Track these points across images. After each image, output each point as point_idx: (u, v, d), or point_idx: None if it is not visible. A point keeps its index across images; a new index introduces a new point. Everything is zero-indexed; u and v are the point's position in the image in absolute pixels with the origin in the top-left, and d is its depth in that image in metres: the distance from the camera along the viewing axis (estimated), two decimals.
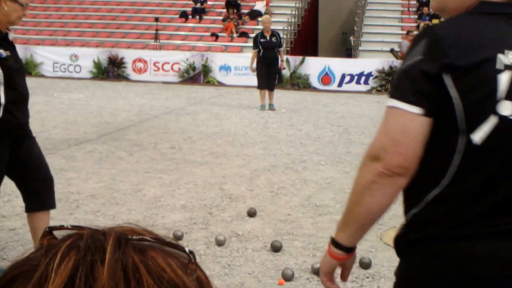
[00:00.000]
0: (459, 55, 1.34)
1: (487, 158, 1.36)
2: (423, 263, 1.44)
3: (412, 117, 1.36)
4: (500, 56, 1.34)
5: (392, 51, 16.47)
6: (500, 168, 1.36)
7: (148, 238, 0.50)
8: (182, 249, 0.51)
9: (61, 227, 0.52)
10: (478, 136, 1.34)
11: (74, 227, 0.51)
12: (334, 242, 1.53)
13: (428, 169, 1.40)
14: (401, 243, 1.50)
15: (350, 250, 1.53)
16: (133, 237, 0.50)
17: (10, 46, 3.50)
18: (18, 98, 3.44)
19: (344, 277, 1.60)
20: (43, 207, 3.60)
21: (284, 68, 12.16)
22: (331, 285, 1.58)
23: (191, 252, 0.51)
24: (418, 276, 1.46)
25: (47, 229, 0.52)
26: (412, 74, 1.37)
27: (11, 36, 3.58)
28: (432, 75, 1.35)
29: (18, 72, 3.48)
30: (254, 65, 11.36)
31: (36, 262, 0.47)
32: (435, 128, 1.38)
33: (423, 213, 1.44)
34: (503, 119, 1.34)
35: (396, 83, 1.41)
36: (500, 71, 1.34)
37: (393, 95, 1.40)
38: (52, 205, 3.65)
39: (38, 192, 3.57)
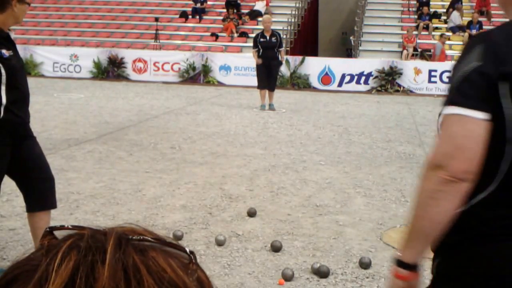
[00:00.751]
0: None
1: None
2: (467, 263, 1.44)
3: (477, 122, 1.36)
4: None
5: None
6: None
7: (149, 238, 0.50)
8: (182, 249, 0.51)
9: (62, 227, 0.52)
10: None
11: (74, 227, 0.51)
12: (398, 263, 1.49)
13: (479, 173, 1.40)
14: (442, 242, 1.48)
15: (416, 268, 1.49)
16: (134, 237, 0.50)
17: (12, 45, 3.51)
18: (20, 97, 3.45)
19: None
20: (44, 207, 3.60)
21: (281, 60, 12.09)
22: None
23: (191, 252, 0.51)
24: (461, 276, 1.46)
25: (47, 229, 0.52)
26: (473, 80, 1.36)
27: (12, 36, 3.59)
28: (492, 81, 1.34)
29: (20, 72, 3.49)
30: (258, 60, 11.33)
31: (36, 262, 0.47)
32: (492, 133, 1.38)
33: (467, 215, 1.43)
34: None
35: (455, 90, 1.39)
36: None
37: (453, 102, 1.38)
38: (53, 205, 3.65)
39: (39, 191, 3.57)
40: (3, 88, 3.35)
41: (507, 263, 1.38)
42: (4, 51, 3.36)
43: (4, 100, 3.34)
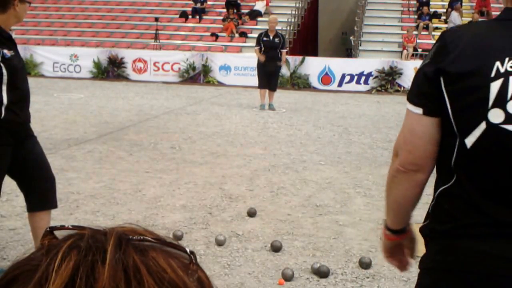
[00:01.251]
0: (454, 61, 1.37)
1: (480, 163, 1.38)
2: (434, 257, 1.49)
3: (416, 117, 1.45)
4: (498, 63, 1.35)
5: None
6: (495, 173, 1.38)
7: (149, 239, 0.50)
8: (183, 249, 0.51)
9: (62, 227, 0.52)
10: (470, 140, 1.38)
11: (75, 227, 0.51)
12: (384, 224, 1.68)
13: (439, 166, 1.48)
14: (423, 233, 1.56)
15: (397, 232, 1.64)
16: (134, 238, 0.50)
17: (13, 46, 3.51)
18: (21, 97, 3.46)
19: (410, 255, 1.69)
20: (44, 207, 3.61)
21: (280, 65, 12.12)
22: (393, 261, 1.71)
23: (192, 252, 0.51)
24: (434, 269, 1.50)
25: (48, 229, 0.52)
26: (418, 77, 1.46)
27: (13, 35, 3.61)
28: (430, 77, 1.41)
29: (21, 72, 3.49)
30: (261, 57, 11.34)
31: (36, 262, 0.47)
32: (442, 127, 1.44)
33: (435, 207, 1.50)
34: (492, 126, 1.35)
35: (411, 85, 1.50)
36: (494, 79, 1.35)
37: (406, 97, 1.51)
38: (53, 205, 3.65)
39: (40, 191, 3.58)
40: (4, 88, 3.36)
41: (467, 259, 1.41)
42: (5, 51, 3.37)
43: (5, 100, 3.35)
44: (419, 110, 1.44)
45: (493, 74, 1.35)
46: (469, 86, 1.36)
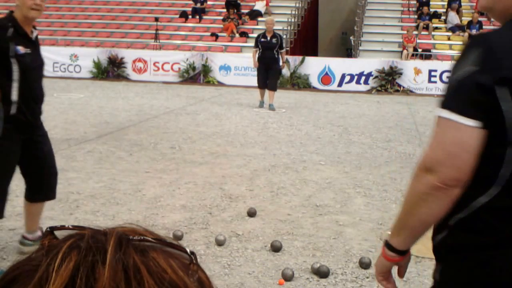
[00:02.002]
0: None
1: None
2: (474, 269, 1.42)
3: (469, 130, 1.34)
4: None
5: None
6: None
7: (149, 239, 0.50)
8: (183, 250, 0.51)
9: (63, 227, 0.52)
10: None
11: (75, 227, 0.51)
12: (388, 245, 1.56)
13: (475, 177, 1.39)
14: (445, 247, 1.48)
15: (403, 253, 1.55)
16: (134, 238, 0.50)
17: (31, 44, 3.54)
18: (31, 96, 3.51)
19: (400, 274, 1.62)
20: (44, 199, 3.83)
21: (282, 68, 12.23)
22: (387, 284, 1.61)
23: (192, 253, 0.51)
24: (467, 283, 1.44)
25: (48, 229, 0.52)
26: (467, 86, 1.34)
27: (35, 34, 3.62)
28: (487, 88, 1.32)
29: (34, 71, 3.54)
30: (256, 61, 11.52)
31: (36, 262, 0.47)
32: (491, 138, 1.36)
33: (471, 219, 1.42)
34: None
35: (450, 94, 1.37)
36: None
37: (447, 106, 1.37)
38: (53, 197, 3.92)
39: (44, 185, 3.81)
40: (16, 85, 3.43)
41: (506, 268, 1.37)
42: (20, 47, 3.42)
43: (15, 97, 3.40)
44: (474, 123, 1.33)
45: None
46: None
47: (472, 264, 1.42)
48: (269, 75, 11.41)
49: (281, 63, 11.64)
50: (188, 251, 0.51)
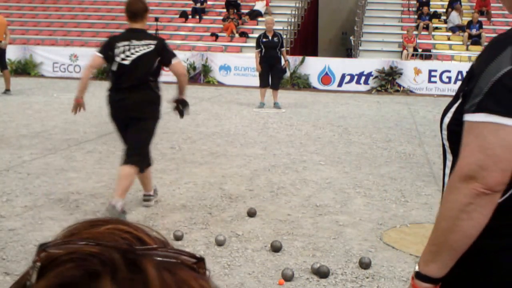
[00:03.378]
0: None
1: None
2: (483, 269, 1.41)
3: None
4: None
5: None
6: None
7: (146, 240, 0.47)
8: (194, 257, 0.47)
9: (59, 243, 0.45)
10: None
11: (70, 242, 0.45)
12: (420, 276, 1.42)
13: None
14: (483, 249, 1.44)
15: (439, 281, 1.43)
16: (139, 248, 0.45)
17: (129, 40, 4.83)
18: (113, 84, 4.97)
19: None
20: (128, 163, 4.75)
21: (286, 67, 12.30)
22: None
23: (202, 259, 0.48)
24: (476, 282, 1.44)
25: (40, 247, 0.45)
26: (507, 85, 1.29)
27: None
28: None
29: (129, 66, 4.81)
30: (258, 65, 11.56)
31: None
32: None
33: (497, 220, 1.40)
34: None
35: (487, 94, 1.31)
36: None
37: (485, 109, 1.31)
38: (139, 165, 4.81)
39: (131, 156, 4.77)
40: (112, 74, 4.94)
41: None
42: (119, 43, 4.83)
43: (112, 86, 4.94)
44: None
45: None
46: None
47: (482, 264, 1.41)
48: (272, 74, 11.48)
49: (283, 62, 11.69)
50: (200, 258, 0.47)
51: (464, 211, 1.33)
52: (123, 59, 4.82)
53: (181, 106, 5.14)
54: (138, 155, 4.79)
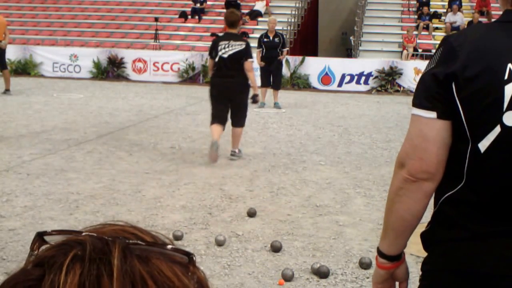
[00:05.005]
0: (464, 65, 1.34)
1: (494, 167, 1.36)
2: (440, 259, 1.46)
3: (428, 122, 1.39)
4: (510, 66, 1.33)
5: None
6: (506, 176, 1.36)
7: (148, 240, 0.49)
8: (181, 251, 0.50)
9: (53, 232, 0.50)
10: (483, 145, 1.35)
11: (67, 232, 0.49)
12: (378, 251, 1.56)
13: (447, 172, 1.42)
14: (424, 238, 1.52)
15: (394, 259, 1.54)
16: (131, 242, 0.48)
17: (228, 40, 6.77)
18: (217, 69, 6.80)
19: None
20: (236, 125, 7.01)
21: (282, 59, 12.27)
22: None
23: (190, 253, 0.50)
24: (437, 271, 1.48)
25: (37, 235, 0.49)
26: (425, 80, 1.41)
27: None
28: (441, 80, 1.36)
29: (227, 58, 6.68)
30: (259, 60, 11.66)
31: (36, 276, 0.46)
32: (454, 132, 1.39)
33: (439, 213, 1.46)
34: (507, 129, 1.32)
35: (415, 91, 1.45)
36: (507, 81, 1.32)
37: (412, 103, 1.44)
38: (241, 125, 7.05)
39: (235, 121, 6.94)
40: (212, 62, 6.84)
41: (476, 260, 1.40)
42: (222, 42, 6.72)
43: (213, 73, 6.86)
44: (431, 114, 1.38)
45: (506, 77, 1.32)
46: (482, 90, 1.33)
47: (440, 254, 1.46)
48: (273, 74, 11.53)
49: (281, 57, 11.78)
50: (187, 252, 0.50)
51: (397, 194, 1.46)
52: (223, 53, 6.68)
53: (253, 97, 7.07)
54: (243, 120, 6.99)
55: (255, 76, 7.08)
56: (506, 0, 1.47)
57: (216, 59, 6.72)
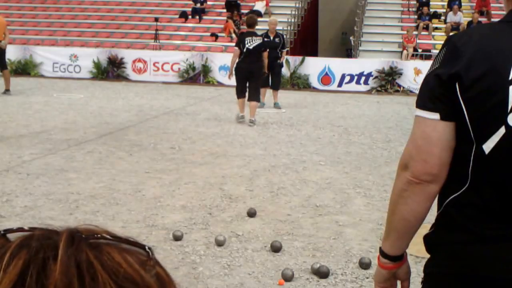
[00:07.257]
0: (468, 66, 1.33)
1: (499, 168, 1.35)
2: (445, 262, 1.46)
3: (431, 123, 1.38)
4: None
5: None
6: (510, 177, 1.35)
7: (107, 236, 0.49)
8: (140, 245, 0.50)
9: (18, 229, 0.50)
10: (488, 146, 1.33)
11: (30, 229, 0.49)
12: (380, 251, 1.58)
13: (452, 174, 1.41)
14: (428, 241, 1.51)
15: (396, 259, 1.55)
16: (89, 235, 0.48)
17: (256, 37, 9.06)
18: (244, 57, 9.39)
19: None
20: (251, 99, 9.54)
21: (282, 61, 12.31)
22: None
23: (149, 248, 0.50)
24: (441, 274, 1.48)
25: (1, 232, 0.49)
26: (428, 81, 1.40)
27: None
28: (444, 81, 1.35)
29: (252, 50, 9.41)
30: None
31: None
32: (458, 134, 1.38)
33: (444, 215, 1.45)
34: (511, 130, 1.31)
35: (418, 92, 1.44)
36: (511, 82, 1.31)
37: (415, 104, 1.44)
38: (256, 100, 9.72)
39: (251, 94, 9.50)
40: (238, 50, 9.50)
41: (480, 264, 1.39)
42: (249, 38, 9.43)
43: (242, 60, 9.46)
44: (435, 115, 1.37)
45: (510, 77, 1.31)
46: (486, 91, 1.32)
47: (444, 257, 1.45)
48: (272, 74, 11.52)
49: (281, 59, 11.78)
50: (146, 247, 0.50)
51: (401, 196, 1.45)
52: (249, 46, 9.35)
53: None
54: (258, 95, 9.82)
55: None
56: (510, 0, 1.45)
57: (244, 50, 9.34)
